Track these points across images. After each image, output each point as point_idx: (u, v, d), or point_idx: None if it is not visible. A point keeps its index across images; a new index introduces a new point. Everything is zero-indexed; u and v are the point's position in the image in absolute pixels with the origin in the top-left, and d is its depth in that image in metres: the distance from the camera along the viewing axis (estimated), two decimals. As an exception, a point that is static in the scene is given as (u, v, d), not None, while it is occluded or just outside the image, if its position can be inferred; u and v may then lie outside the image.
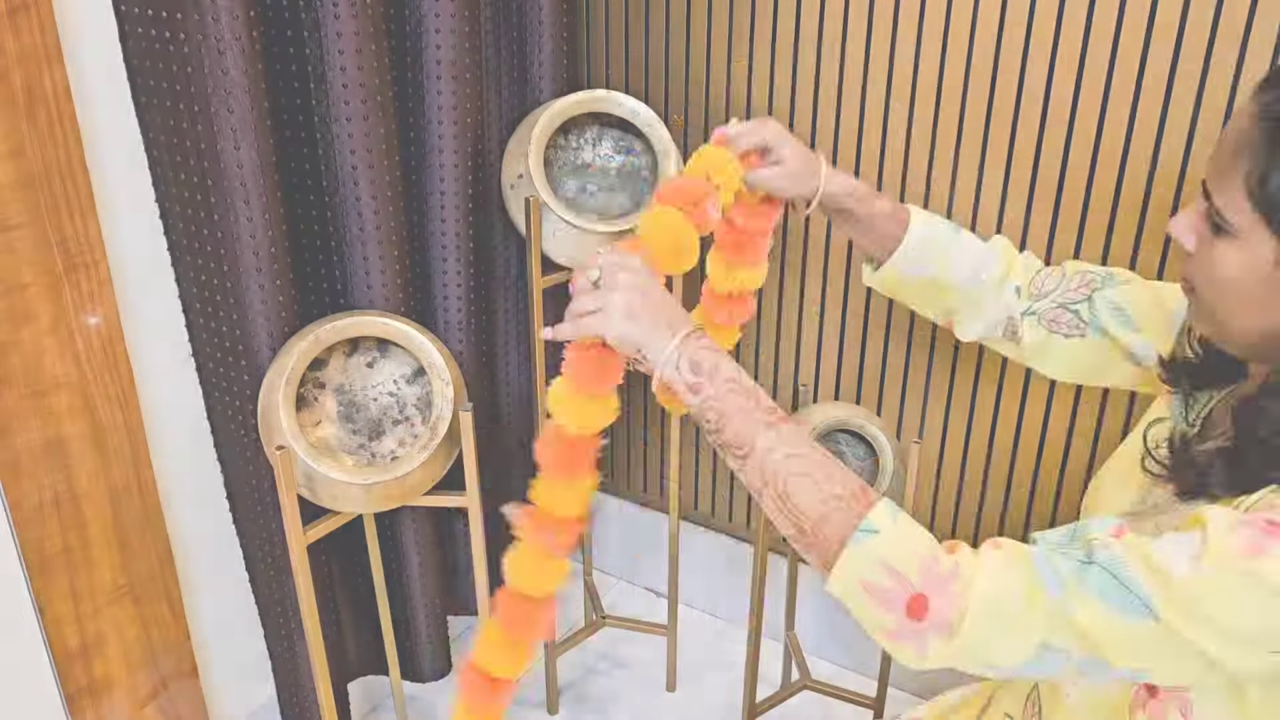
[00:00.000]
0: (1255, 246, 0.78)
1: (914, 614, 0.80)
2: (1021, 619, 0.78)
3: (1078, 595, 0.76)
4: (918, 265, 1.15)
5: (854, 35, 1.43)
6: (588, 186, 1.51)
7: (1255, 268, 0.78)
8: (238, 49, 1.14)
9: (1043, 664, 0.79)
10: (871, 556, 0.81)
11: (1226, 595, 0.73)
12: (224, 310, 1.29)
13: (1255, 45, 1.20)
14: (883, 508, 0.83)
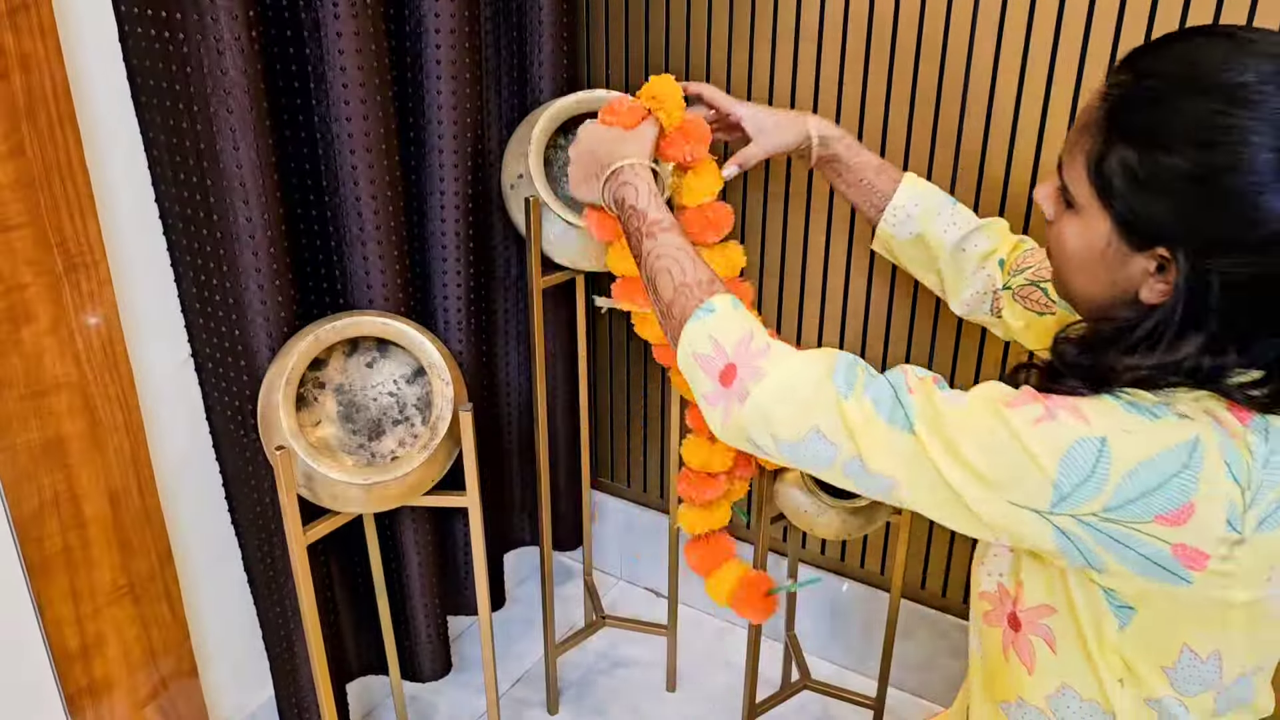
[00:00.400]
0: (1093, 222, 0.83)
1: (725, 381, 0.92)
2: (805, 402, 0.88)
3: (858, 397, 0.86)
4: (906, 223, 1.22)
5: (854, 33, 1.43)
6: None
7: (1093, 242, 0.84)
8: (237, 49, 1.14)
9: (815, 450, 0.88)
10: (704, 331, 0.94)
11: (972, 427, 0.82)
12: (223, 310, 1.29)
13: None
14: (725, 294, 0.96)
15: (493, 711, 1.56)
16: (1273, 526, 0.79)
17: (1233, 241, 0.77)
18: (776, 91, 1.51)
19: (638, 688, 1.82)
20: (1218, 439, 0.78)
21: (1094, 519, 0.80)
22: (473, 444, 1.34)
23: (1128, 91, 0.81)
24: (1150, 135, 0.79)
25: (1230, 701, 0.89)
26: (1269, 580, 0.82)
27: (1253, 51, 0.77)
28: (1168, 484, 0.78)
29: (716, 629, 1.93)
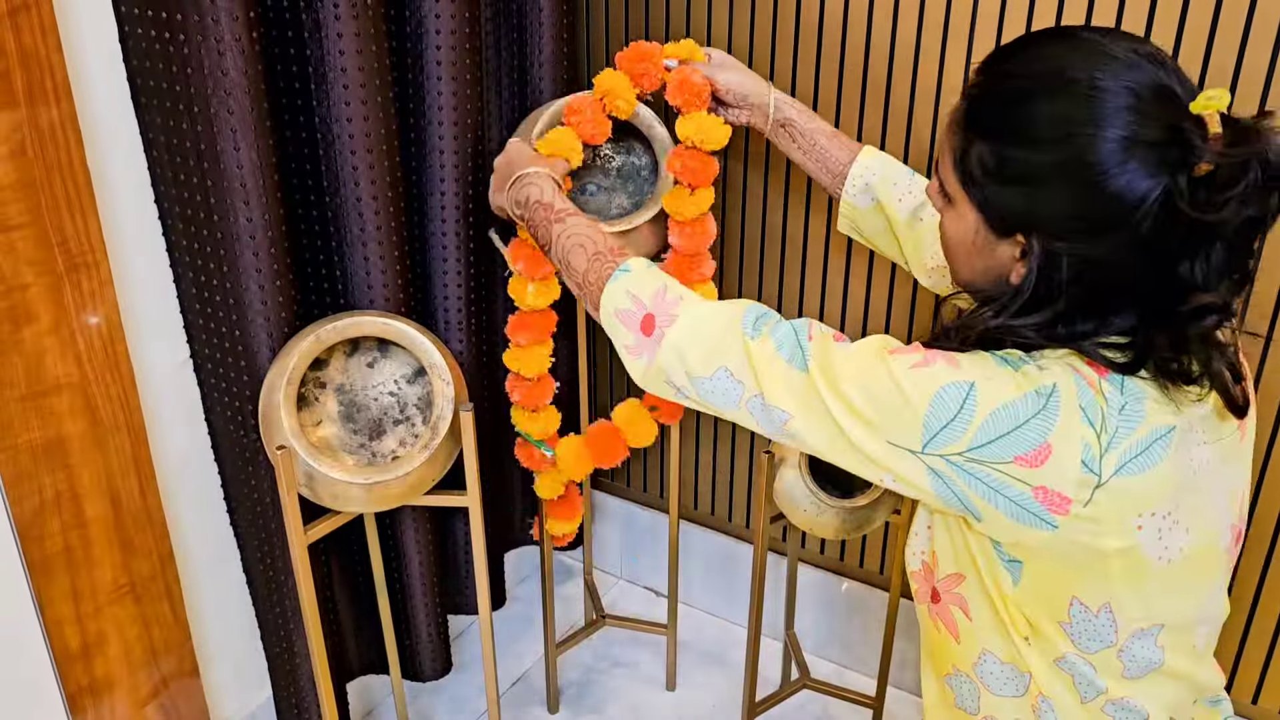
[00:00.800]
0: (965, 213, 0.90)
1: (646, 330, 1.00)
2: (715, 341, 0.96)
3: (763, 339, 0.94)
4: (865, 191, 1.28)
5: (853, 30, 1.43)
6: (588, 186, 1.51)
7: (965, 232, 0.91)
8: (238, 50, 1.14)
9: (724, 388, 0.96)
10: (622, 289, 1.03)
11: (857, 369, 0.89)
12: (223, 310, 1.29)
13: (1254, 44, 1.20)
14: (636, 259, 1.06)
15: (493, 711, 1.56)
16: (1132, 473, 0.84)
17: (1078, 227, 0.83)
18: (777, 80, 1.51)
19: (638, 687, 1.82)
20: (1075, 387, 0.84)
21: (960, 459, 0.86)
22: (473, 444, 1.35)
23: (982, 92, 0.88)
24: (1001, 132, 0.86)
25: (1138, 664, 0.92)
26: (1139, 529, 0.86)
27: (1090, 51, 0.83)
28: (1026, 425, 0.84)
29: (717, 629, 1.94)
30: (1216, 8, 1.20)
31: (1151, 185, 0.79)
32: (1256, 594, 1.44)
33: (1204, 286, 0.82)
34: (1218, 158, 0.78)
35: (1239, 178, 0.78)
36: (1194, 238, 0.80)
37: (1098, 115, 0.80)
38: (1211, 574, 0.94)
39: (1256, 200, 0.79)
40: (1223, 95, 0.79)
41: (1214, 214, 0.78)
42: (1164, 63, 0.82)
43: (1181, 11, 1.22)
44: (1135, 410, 0.84)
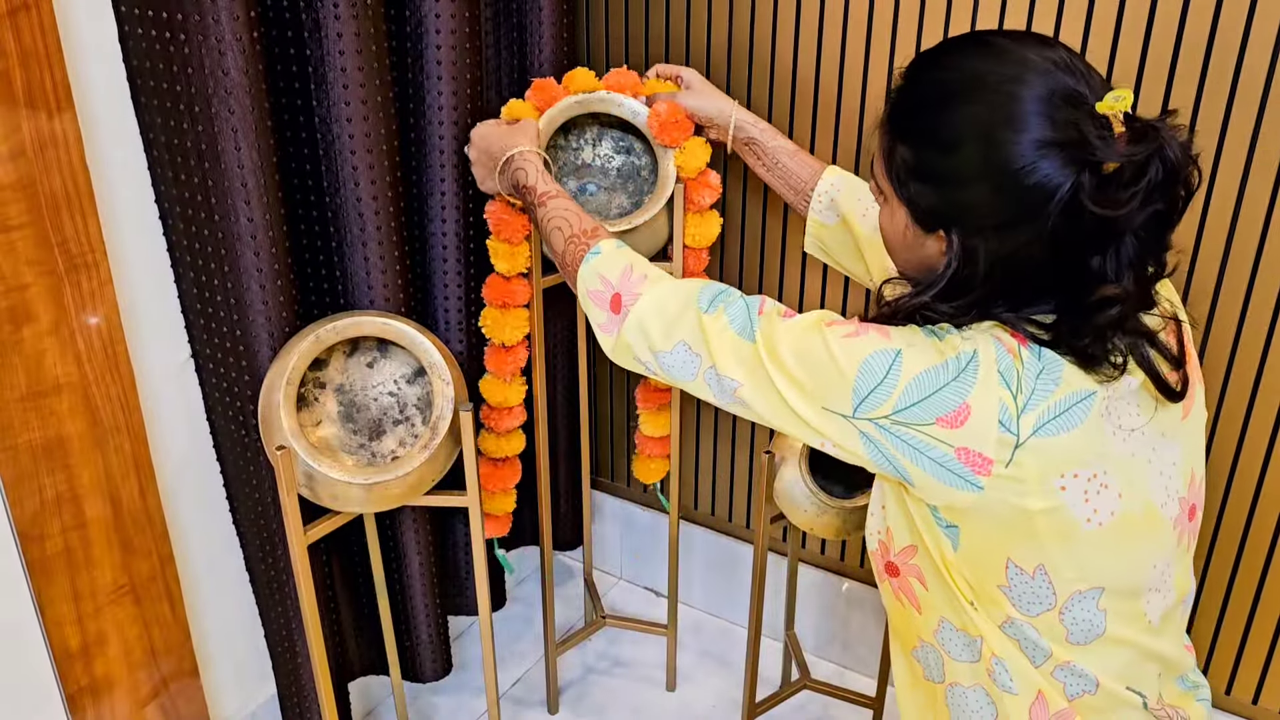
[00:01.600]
0: (896, 210, 0.95)
1: (614, 308, 1.07)
2: (673, 316, 1.02)
3: (717, 314, 1.00)
4: (830, 208, 1.33)
5: (855, 15, 1.43)
6: (588, 186, 1.51)
7: (898, 227, 0.96)
8: (238, 49, 1.14)
9: (683, 361, 1.02)
10: (594, 271, 1.09)
11: (796, 340, 0.95)
12: (224, 311, 1.29)
13: (1255, 45, 1.20)
14: (609, 239, 1.12)
15: (493, 711, 1.56)
16: (1051, 433, 0.88)
17: (991, 223, 0.87)
18: (777, 79, 1.51)
19: (638, 688, 1.82)
20: (995, 352, 0.89)
21: (887, 422, 0.91)
22: (473, 444, 1.35)
23: (902, 97, 0.94)
24: (919, 136, 0.91)
25: (1080, 627, 0.95)
26: (1063, 489, 0.89)
27: (1003, 58, 0.87)
28: (945, 388, 0.89)
29: (716, 629, 1.94)
30: (1216, 8, 1.20)
31: (1060, 184, 0.83)
32: (1256, 594, 1.44)
33: (1112, 279, 0.87)
34: (1119, 157, 0.82)
35: (1141, 175, 0.82)
36: (1102, 232, 0.85)
37: (1008, 118, 0.84)
38: (1154, 541, 0.96)
39: (1159, 196, 0.84)
40: (1126, 96, 0.83)
41: (1116, 210, 0.83)
42: (1072, 65, 0.86)
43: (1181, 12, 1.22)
44: (1053, 375, 0.88)
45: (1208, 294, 1.33)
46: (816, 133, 1.51)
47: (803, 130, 1.52)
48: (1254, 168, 1.25)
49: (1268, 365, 1.33)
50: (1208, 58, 1.23)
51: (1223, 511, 1.42)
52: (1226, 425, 1.38)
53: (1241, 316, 1.32)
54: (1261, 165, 1.24)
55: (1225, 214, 1.29)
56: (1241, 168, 1.26)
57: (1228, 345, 1.34)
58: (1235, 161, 1.26)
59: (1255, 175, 1.25)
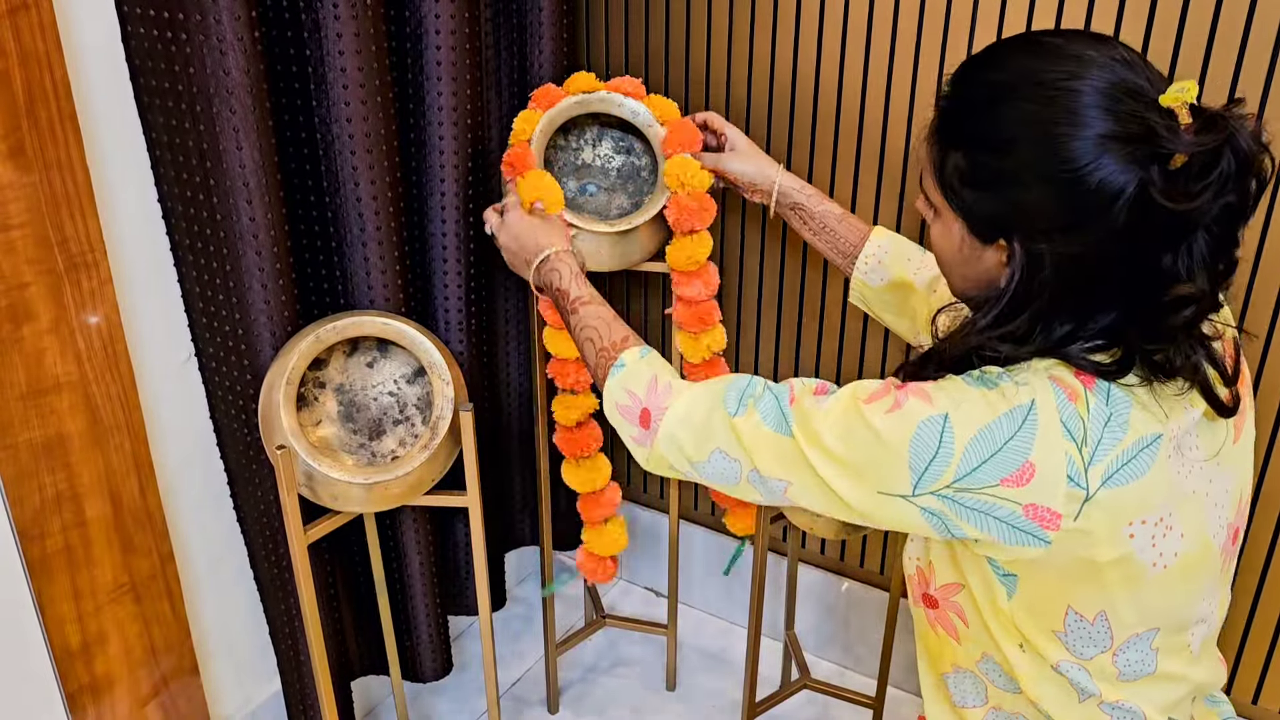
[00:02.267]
0: (950, 223, 0.91)
1: (644, 423, 1.03)
2: (703, 426, 0.98)
3: (748, 414, 0.95)
4: (877, 270, 1.30)
5: (854, 18, 1.43)
6: (588, 187, 1.51)
7: (953, 241, 0.92)
8: (239, 49, 1.14)
9: (722, 468, 0.98)
10: (620, 385, 1.06)
11: (835, 425, 0.90)
12: (226, 310, 1.30)
13: (1254, 45, 1.20)
14: (633, 349, 1.09)
15: (493, 711, 1.56)
16: (1120, 483, 0.84)
17: (1056, 225, 0.83)
18: (777, 82, 1.51)
19: (638, 688, 1.82)
20: (1055, 401, 0.84)
21: (950, 491, 0.86)
22: (473, 444, 1.35)
23: (952, 103, 0.90)
24: (973, 140, 0.87)
25: (1133, 668, 0.92)
26: (1131, 537, 0.86)
27: (1056, 55, 0.84)
28: (1006, 446, 0.84)
29: (716, 629, 1.94)
30: (1216, 8, 1.20)
31: (1126, 179, 0.79)
32: (1256, 594, 1.44)
33: (1185, 277, 0.82)
34: (1189, 148, 0.78)
35: (1212, 167, 0.78)
36: (1173, 229, 0.81)
37: (1067, 114, 0.81)
38: (1207, 575, 0.94)
39: (1232, 188, 0.80)
40: (1190, 87, 0.79)
41: (1188, 204, 0.79)
42: (1130, 60, 0.83)
43: (1181, 12, 1.22)
44: (1120, 420, 0.84)
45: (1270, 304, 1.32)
46: (816, 139, 1.51)
47: (803, 137, 1.52)
48: None
49: (1268, 365, 1.33)
50: (1277, 48, 1.22)
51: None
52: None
53: (1242, 314, 1.32)
54: None
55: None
56: None
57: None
58: None
59: None
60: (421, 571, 1.58)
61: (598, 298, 1.18)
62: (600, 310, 1.16)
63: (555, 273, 1.23)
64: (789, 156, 1.55)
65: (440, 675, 1.69)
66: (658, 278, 1.73)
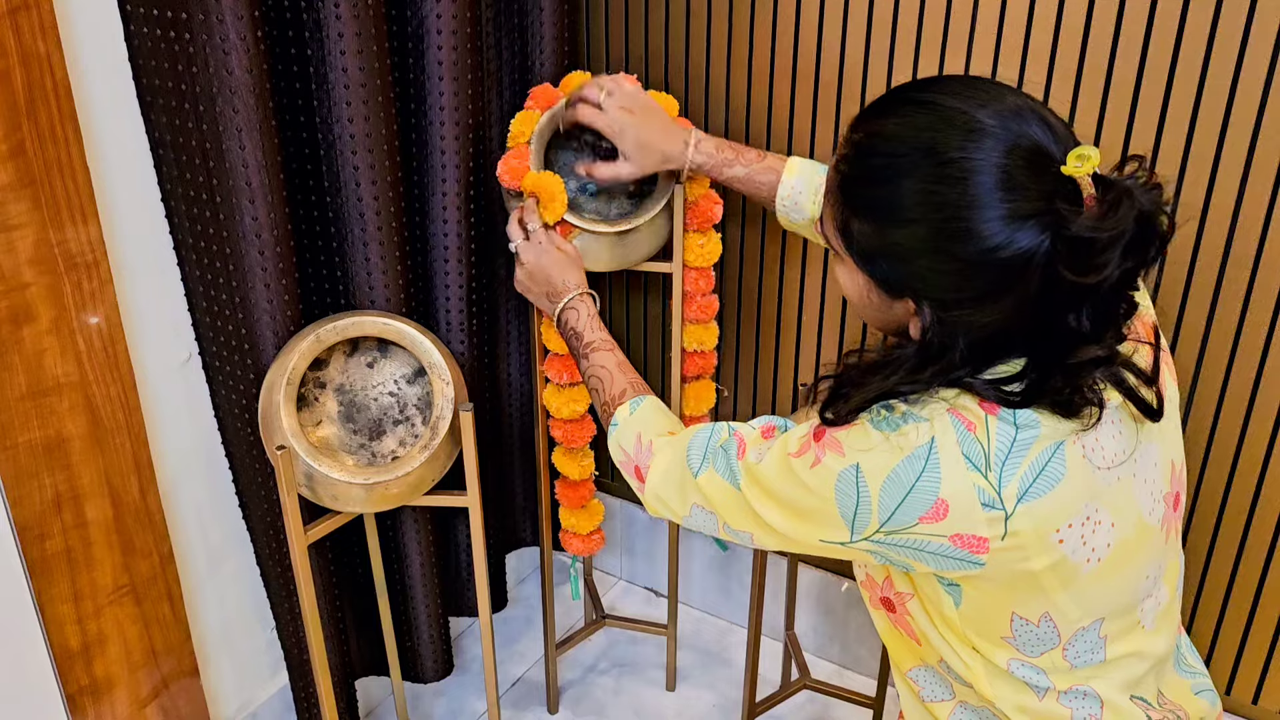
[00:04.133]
0: (854, 273, 0.92)
1: (638, 478, 1.10)
2: (679, 486, 1.04)
3: (709, 472, 1.00)
4: (797, 210, 1.32)
5: (855, 17, 1.43)
6: (588, 187, 1.51)
7: (859, 288, 0.92)
8: (242, 49, 1.14)
9: (702, 520, 1.04)
10: (615, 443, 1.14)
11: (773, 478, 0.94)
12: (229, 309, 1.29)
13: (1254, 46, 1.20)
14: (624, 406, 1.14)
15: (493, 711, 1.56)
16: (1037, 495, 0.85)
17: (965, 297, 0.84)
18: (777, 82, 1.51)
19: (638, 688, 1.82)
20: (955, 434, 0.86)
21: (880, 535, 0.89)
22: (473, 444, 1.35)
23: (851, 168, 0.88)
24: (877, 211, 0.86)
25: (1084, 658, 0.94)
26: (1061, 542, 0.87)
27: (955, 122, 0.82)
28: (915, 488, 0.86)
29: (716, 629, 1.94)
30: (1216, 8, 1.20)
31: (1033, 254, 0.80)
32: (1256, 595, 1.44)
33: (1092, 337, 0.83)
34: (1092, 231, 0.78)
35: (1117, 241, 0.79)
36: (1078, 293, 0.81)
37: (970, 198, 0.80)
38: (1146, 554, 0.95)
39: (1135, 254, 0.80)
40: (1091, 156, 0.79)
41: (1095, 276, 0.79)
42: (1030, 116, 0.82)
43: (1180, 18, 1.22)
44: (1027, 437, 0.85)
45: (1209, 289, 1.33)
46: (816, 132, 1.51)
47: (803, 129, 1.52)
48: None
49: (1268, 365, 1.33)
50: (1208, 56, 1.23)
51: (1222, 512, 1.42)
52: (1226, 424, 1.38)
53: (1242, 314, 1.32)
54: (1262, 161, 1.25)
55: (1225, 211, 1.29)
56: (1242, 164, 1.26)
57: (1228, 344, 1.34)
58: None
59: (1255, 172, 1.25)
60: (422, 572, 1.58)
61: (607, 343, 1.22)
62: (606, 359, 1.20)
63: (574, 312, 1.27)
64: (789, 154, 1.55)
65: (440, 676, 1.69)
66: (658, 278, 1.73)
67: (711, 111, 1.58)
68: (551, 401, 1.51)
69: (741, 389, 1.73)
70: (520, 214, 1.34)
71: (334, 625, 1.51)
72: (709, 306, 1.52)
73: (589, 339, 1.23)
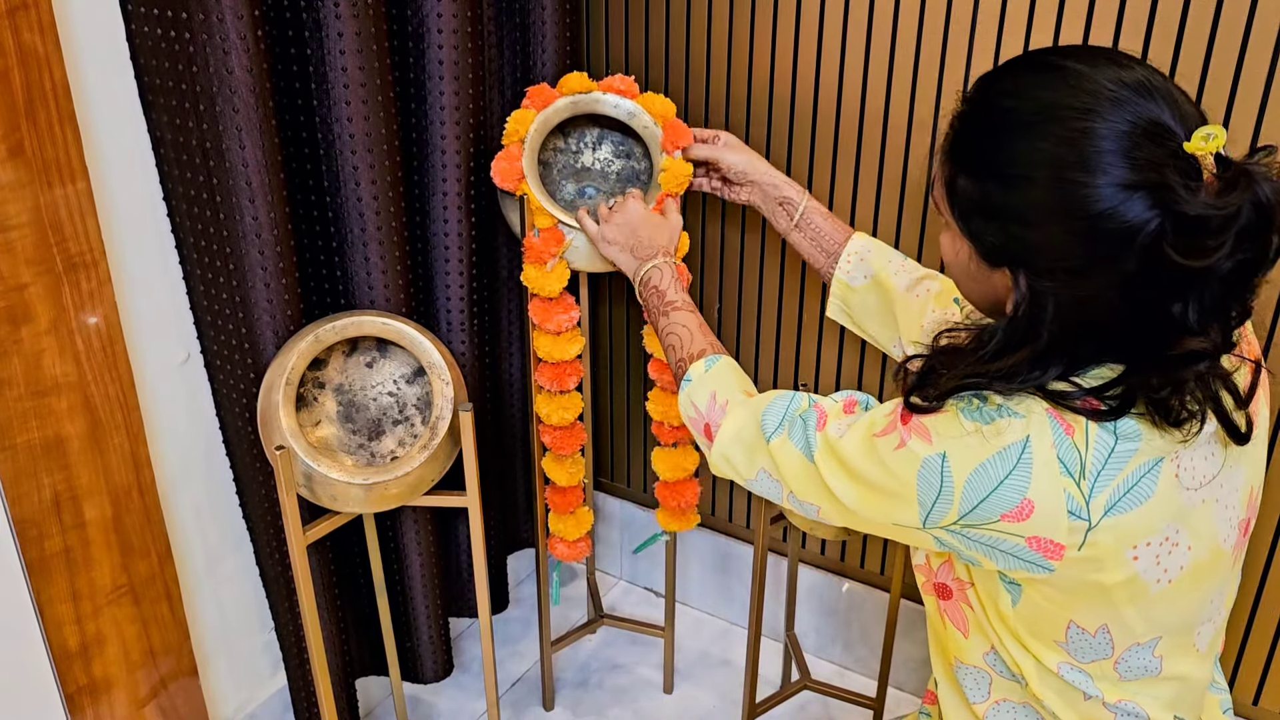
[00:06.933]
0: (958, 239, 0.90)
1: (707, 435, 1.10)
2: (748, 447, 1.03)
3: (782, 439, 0.99)
4: (859, 267, 1.30)
5: (855, 17, 1.43)
6: (587, 190, 1.50)
7: (960, 255, 0.90)
8: (242, 48, 1.14)
9: (767, 487, 1.03)
10: (687, 399, 1.13)
11: (852, 455, 0.92)
12: (229, 309, 1.29)
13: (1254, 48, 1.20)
14: (700, 362, 1.13)
15: (493, 711, 1.56)
16: (1123, 510, 0.83)
17: (1063, 267, 0.81)
18: (777, 82, 1.51)
19: (638, 688, 1.82)
20: (1051, 436, 0.83)
21: (957, 527, 0.87)
22: (473, 444, 1.34)
23: (966, 123, 0.87)
24: (984, 169, 0.84)
25: (1135, 671, 0.93)
26: (1136, 559, 0.86)
27: (1077, 87, 0.80)
28: (1003, 484, 0.84)
29: (716, 629, 1.93)
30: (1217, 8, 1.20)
31: (1139, 229, 0.77)
32: (1257, 595, 1.44)
33: (1195, 329, 0.79)
34: (1207, 209, 0.75)
35: (1230, 225, 0.75)
36: (1184, 280, 0.78)
37: (1084, 160, 0.78)
38: (1214, 579, 0.93)
39: (1249, 244, 0.77)
40: (1218, 134, 0.76)
41: (1203, 260, 0.76)
42: (1154, 91, 0.79)
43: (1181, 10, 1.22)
44: (1126, 449, 0.83)
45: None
46: (816, 138, 1.51)
47: (802, 137, 1.52)
48: None
49: (1267, 364, 1.33)
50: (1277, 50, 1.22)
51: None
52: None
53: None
54: None
55: None
56: None
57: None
58: None
59: None
60: (422, 573, 1.57)
61: (689, 304, 1.22)
62: (687, 318, 1.20)
63: (659, 272, 1.27)
64: (789, 156, 1.55)
65: (441, 676, 1.69)
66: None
67: (711, 113, 1.58)
68: (543, 408, 1.51)
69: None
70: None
71: (333, 625, 1.51)
72: None
73: (671, 298, 1.23)
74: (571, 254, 1.46)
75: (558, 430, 1.52)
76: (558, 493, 1.59)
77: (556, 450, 1.54)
